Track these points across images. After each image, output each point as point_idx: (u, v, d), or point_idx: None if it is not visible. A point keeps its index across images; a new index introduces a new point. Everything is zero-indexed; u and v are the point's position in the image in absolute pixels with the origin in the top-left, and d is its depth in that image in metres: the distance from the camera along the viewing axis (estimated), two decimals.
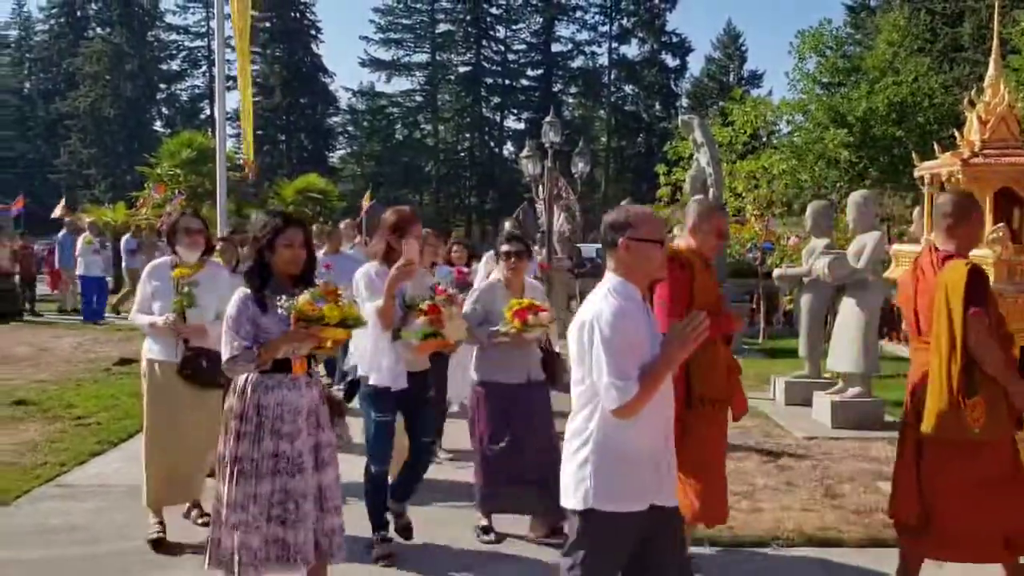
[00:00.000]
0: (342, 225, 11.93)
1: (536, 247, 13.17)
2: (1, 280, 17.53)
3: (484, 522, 5.34)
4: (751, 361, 13.09)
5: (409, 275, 4.62)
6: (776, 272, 10.61)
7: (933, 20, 34.02)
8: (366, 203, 22.39)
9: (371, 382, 4.78)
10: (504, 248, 5.38)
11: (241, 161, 14.53)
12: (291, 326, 3.81)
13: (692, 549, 4.68)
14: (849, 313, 8.47)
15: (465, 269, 8.15)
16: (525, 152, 17.68)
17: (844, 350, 8.45)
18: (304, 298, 3.80)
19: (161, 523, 5.15)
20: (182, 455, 5.12)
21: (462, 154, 65.42)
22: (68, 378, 10.43)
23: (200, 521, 5.30)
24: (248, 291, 3.92)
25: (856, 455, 7.25)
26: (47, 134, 64.66)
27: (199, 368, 5.12)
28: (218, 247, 6.56)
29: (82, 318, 16.97)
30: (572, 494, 3.14)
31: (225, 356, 3.88)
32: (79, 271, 16.86)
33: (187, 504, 5.48)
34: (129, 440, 7.54)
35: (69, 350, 12.86)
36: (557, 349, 5.51)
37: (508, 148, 63.05)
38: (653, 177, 26.32)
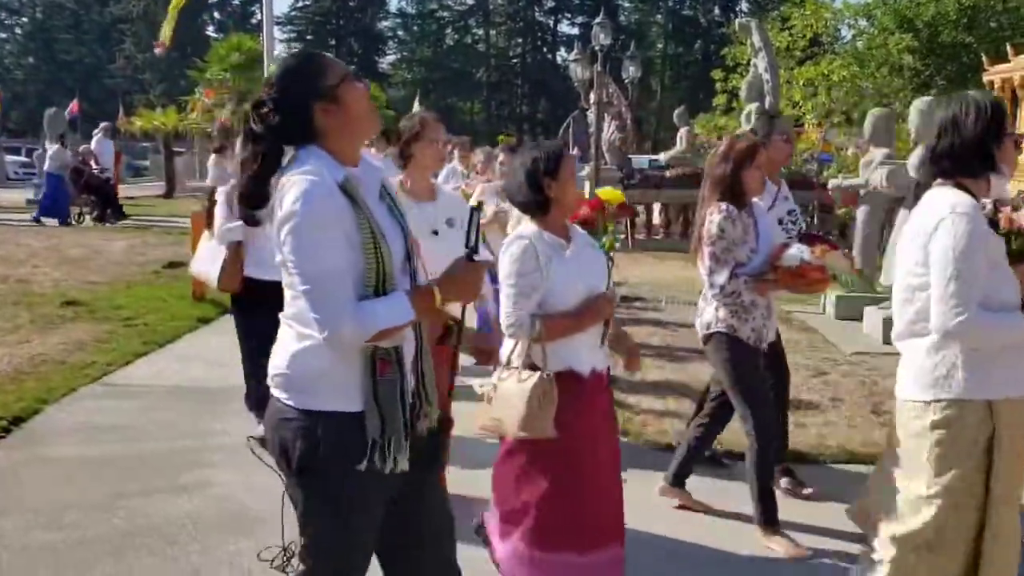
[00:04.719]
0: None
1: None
2: None
3: None
4: None
5: None
6: (831, 183, 10.29)
7: None
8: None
9: None
10: None
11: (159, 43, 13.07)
12: None
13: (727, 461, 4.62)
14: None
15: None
16: (573, 55, 17.30)
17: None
18: None
19: None
20: None
21: (514, 60, 64.27)
22: (118, 280, 10.57)
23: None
24: None
25: None
26: (102, 38, 64.80)
27: None
28: None
29: None
30: None
31: None
32: None
33: None
34: (175, 342, 7.64)
35: (120, 253, 13.04)
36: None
37: (561, 54, 61.76)
38: (710, 84, 25.58)
